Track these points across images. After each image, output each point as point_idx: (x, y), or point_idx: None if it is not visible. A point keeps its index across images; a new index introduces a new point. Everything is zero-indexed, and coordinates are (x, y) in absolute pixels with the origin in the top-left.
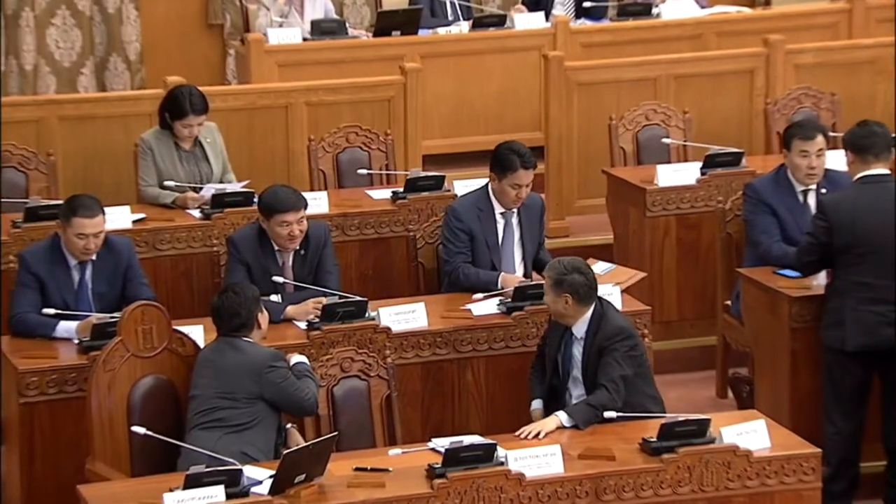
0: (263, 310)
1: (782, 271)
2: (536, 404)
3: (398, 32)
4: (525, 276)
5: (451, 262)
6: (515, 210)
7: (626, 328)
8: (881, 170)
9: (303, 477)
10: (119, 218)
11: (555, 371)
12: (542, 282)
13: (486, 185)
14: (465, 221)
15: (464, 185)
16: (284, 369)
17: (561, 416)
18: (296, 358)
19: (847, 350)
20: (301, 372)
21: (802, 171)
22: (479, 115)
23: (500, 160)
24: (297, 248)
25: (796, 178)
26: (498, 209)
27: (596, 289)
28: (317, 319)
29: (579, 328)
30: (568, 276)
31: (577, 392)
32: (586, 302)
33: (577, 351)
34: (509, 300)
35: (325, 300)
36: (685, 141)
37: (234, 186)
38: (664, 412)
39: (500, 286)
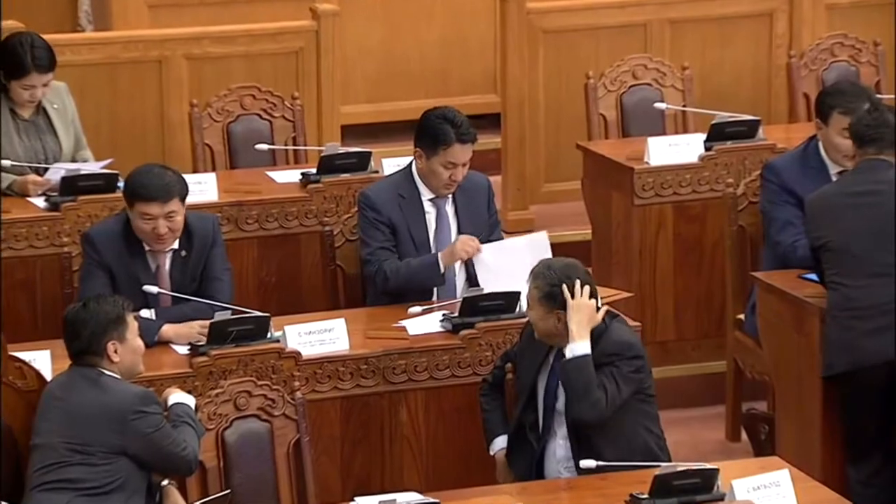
0: (127, 335)
1: (809, 276)
2: (500, 442)
3: None
4: (469, 282)
5: (373, 262)
6: (450, 196)
7: (634, 344)
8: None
9: None
10: None
11: (529, 403)
12: (506, 291)
13: (410, 164)
14: (384, 211)
15: (395, 164)
16: (157, 415)
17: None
18: (175, 396)
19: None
20: (179, 417)
21: (842, 152)
22: (415, 73)
23: (429, 132)
24: (177, 248)
25: (832, 157)
26: (426, 195)
27: (597, 298)
28: (203, 341)
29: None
30: (561, 286)
31: (561, 432)
32: None
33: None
34: (455, 315)
35: (213, 316)
36: (684, 106)
37: (92, 167)
38: (670, 460)
39: (441, 268)
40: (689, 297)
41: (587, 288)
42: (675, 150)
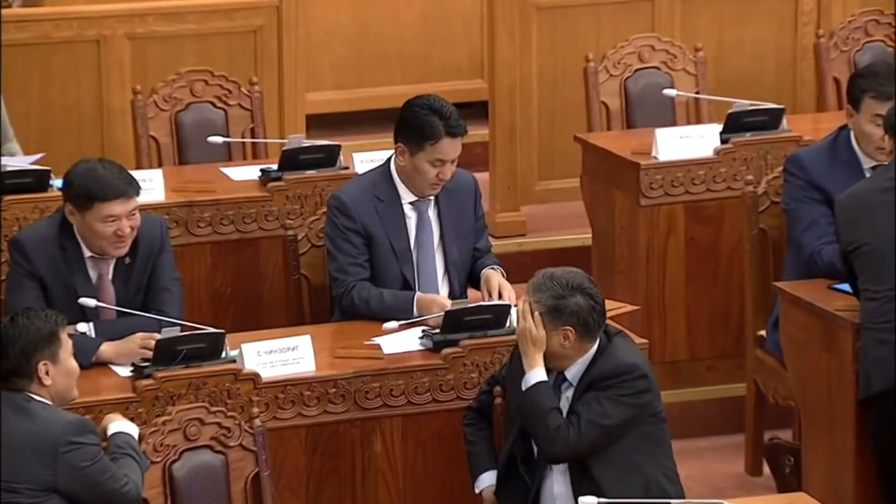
0: (60, 354)
1: (840, 286)
2: (487, 479)
3: None
4: (452, 296)
5: (341, 281)
6: (432, 198)
7: (637, 365)
8: None
9: None
10: None
11: (521, 432)
12: (486, 302)
13: (388, 161)
14: (358, 218)
15: (368, 159)
16: (93, 446)
17: None
18: (115, 425)
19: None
20: (120, 448)
21: (874, 143)
22: (391, 55)
23: (414, 125)
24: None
25: (864, 150)
26: (407, 197)
27: (605, 314)
28: (147, 362)
29: (575, 371)
30: (568, 298)
31: (559, 466)
32: (593, 335)
33: (566, 403)
34: (437, 331)
35: (160, 333)
36: (697, 92)
37: (20, 161)
38: (682, 496)
39: (415, 312)
40: (702, 310)
41: (526, 306)
42: (687, 142)
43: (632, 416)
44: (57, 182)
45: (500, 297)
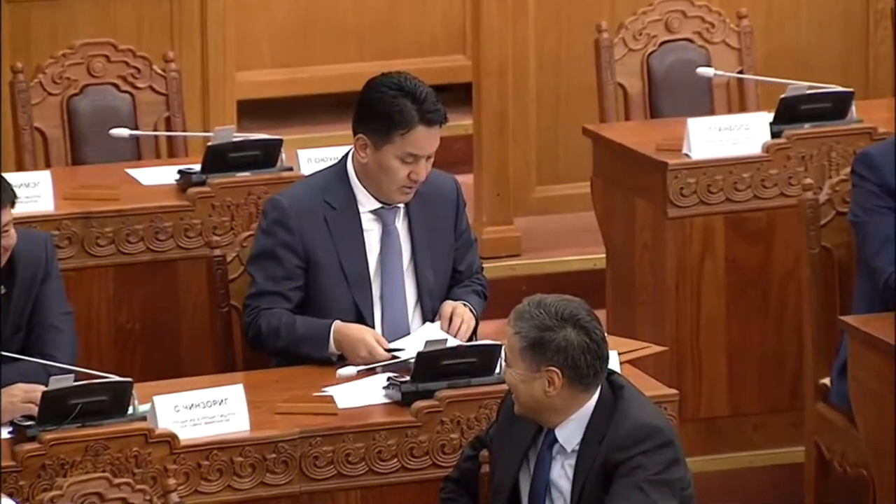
0: None
1: None
2: None
3: None
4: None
5: (250, 307)
6: (402, 206)
7: (660, 428)
8: None
9: None
10: None
11: None
12: (481, 343)
13: (345, 159)
14: (299, 230)
15: (318, 157)
16: None
17: None
18: None
19: None
20: None
21: None
22: (347, 25)
23: (379, 110)
24: None
25: None
26: (368, 204)
27: (607, 358)
28: (31, 420)
29: (569, 432)
30: (555, 331)
31: None
32: (588, 383)
33: (563, 474)
34: (406, 379)
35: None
36: (741, 71)
37: None
38: None
39: (330, 346)
40: (748, 352)
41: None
42: (728, 136)
43: (676, 497)
44: None
45: (455, 327)
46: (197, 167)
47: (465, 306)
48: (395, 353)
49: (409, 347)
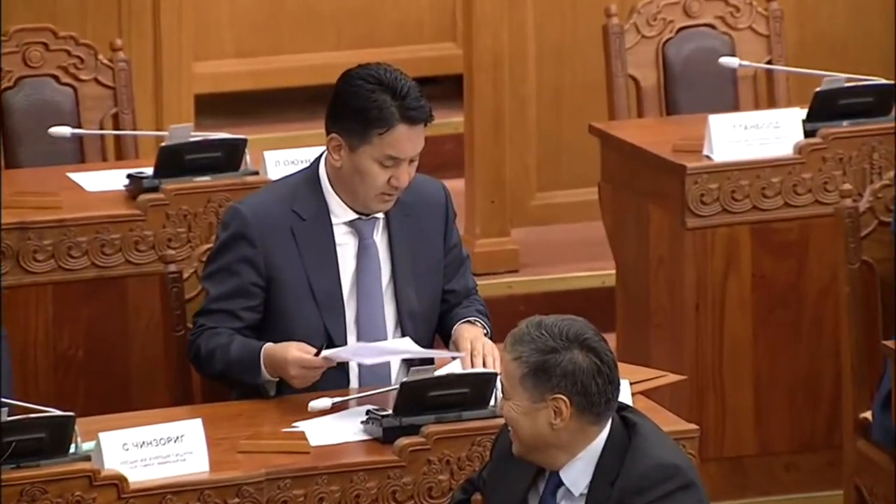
0: None
1: None
2: None
3: None
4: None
5: (198, 324)
6: (381, 216)
7: (680, 467)
8: None
9: None
10: None
11: None
12: (473, 371)
13: (316, 162)
14: (262, 243)
15: (286, 159)
16: None
17: None
18: None
19: None
20: None
21: None
22: (320, 9)
23: (355, 106)
24: None
25: None
26: (342, 214)
27: (619, 384)
28: None
29: (576, 473)
30: (561, 353)
31: None
32: (599, 413)
33: None
34: (387, 412)
35: None
36: (770, 62)
37: None
38: None
39: (263, 371)
40: (778, 382)
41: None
42: (755, 135)
43: None
44: None
45: (481, 362)
46: (149, 171)
47: (484, 327)
48: (326, 356)
49: (348, 350)
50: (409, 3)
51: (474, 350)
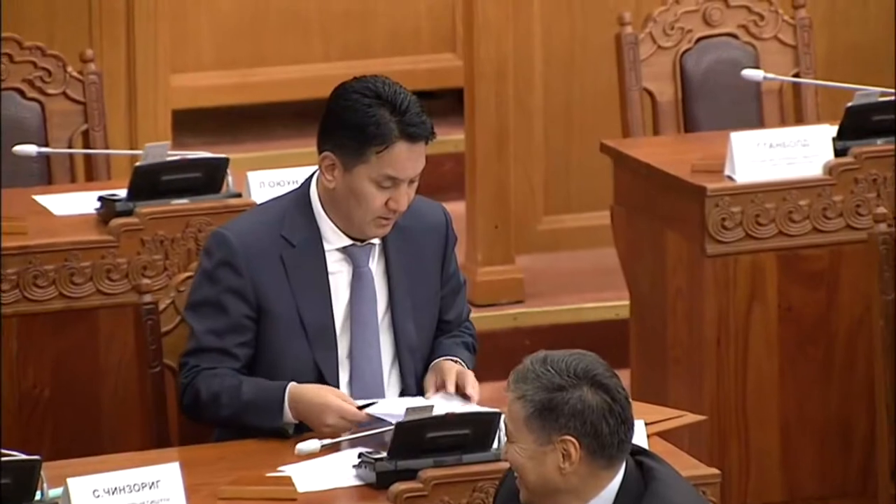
0: None
1: None
2: None
3: None
4: (405, 393)
5: (187, 366)
6: (377, 242)
7: None
8: None
9: None
10: None
11: None
12: (474, 411)
13: (307, 183)
14: (248, 272)
15: (272, 180)
16: None
17: None
18: None
19: None
20: None
21: None
22: (309, 18)
23: (351, 122)
24: None
25: None
26: (335, 240)
27: (633, 424)
28: None
29: None
30: (569, 391)
31: None
32: (612, 455)
33: None
34: (382, 455)
35: None
36: (797, 74)
37: None
38: None
39: (285, 414)
40: (807, 424)
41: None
42: (781, 154)
43: None
44: None
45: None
46: (122, 193)
47: (459, 363)
48: (370, 412)
49: (386, 408)
50: (405, 9)
51: (463, 382)
